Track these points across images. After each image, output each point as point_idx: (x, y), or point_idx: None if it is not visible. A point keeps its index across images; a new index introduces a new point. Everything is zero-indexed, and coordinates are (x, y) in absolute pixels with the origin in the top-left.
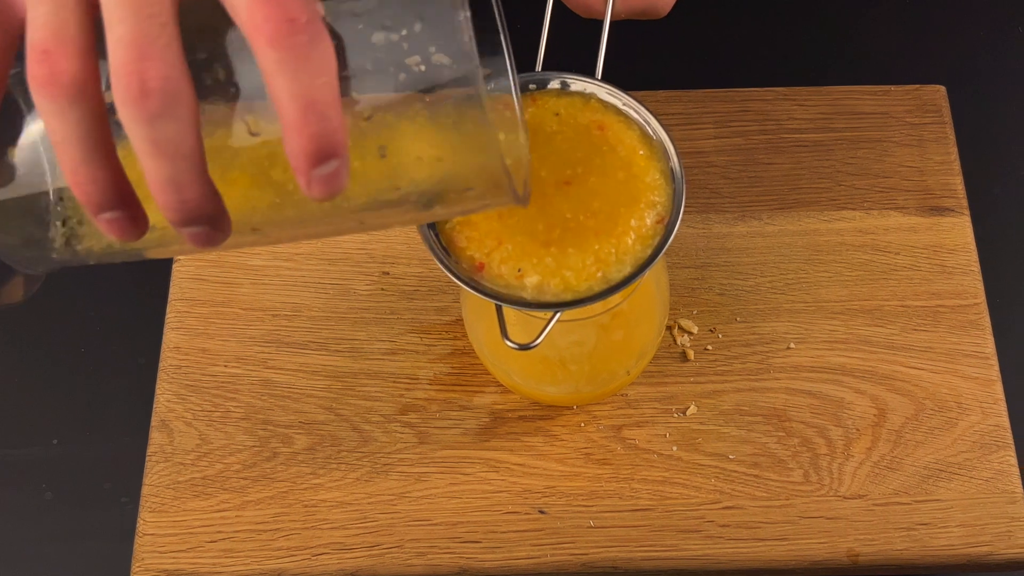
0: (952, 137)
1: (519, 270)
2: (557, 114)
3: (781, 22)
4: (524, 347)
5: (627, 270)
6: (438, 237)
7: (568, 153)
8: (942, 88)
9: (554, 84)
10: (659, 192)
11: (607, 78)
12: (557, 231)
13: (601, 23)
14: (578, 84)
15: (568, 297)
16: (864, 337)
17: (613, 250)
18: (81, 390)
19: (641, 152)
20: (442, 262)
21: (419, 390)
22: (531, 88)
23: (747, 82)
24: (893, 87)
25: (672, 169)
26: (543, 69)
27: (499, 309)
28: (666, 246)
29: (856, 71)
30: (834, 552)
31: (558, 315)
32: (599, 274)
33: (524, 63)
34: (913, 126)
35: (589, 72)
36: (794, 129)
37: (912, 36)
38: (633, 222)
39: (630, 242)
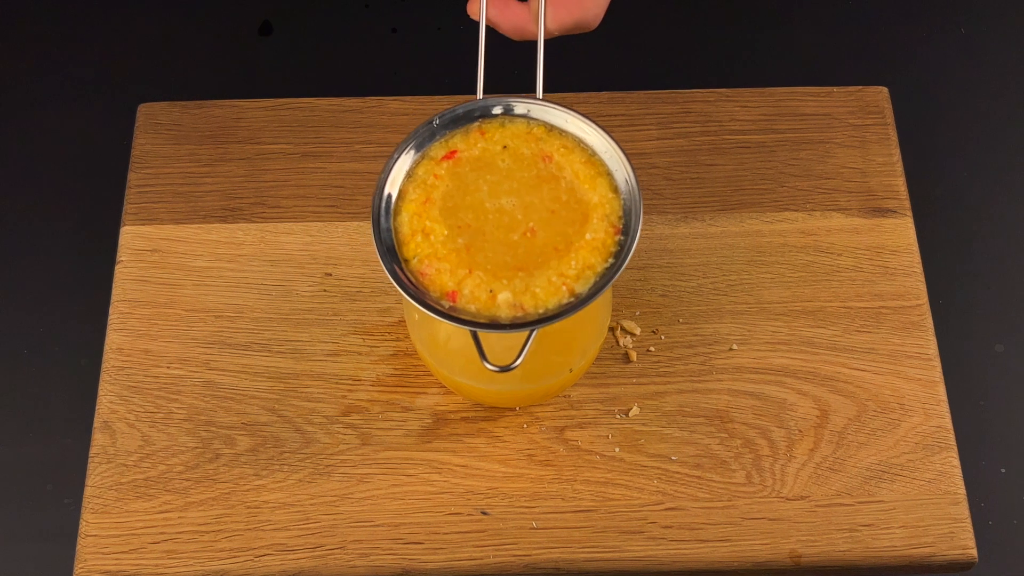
0: (895, 138)
1: (491, 290)
2: (505, 147)
3: (723, 23)
4: (504, 369)
5: (591, 282)
6: (404, 271)
7: (521, 185)
8: (884, 89)
9: (498, 110)
10: (609, 206)
11: (549, 82)
12: (522, 256)
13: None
14: (521, 106)
15: (540, 313)
16: (807, 338)
17: (574, 263)
18: (23, 391)
19: (587, 172)
20: (416, 298)
21: (362, 391)
22: (476, 116)
23: (689, 83)
24: (836, 88)
25: (621, 181)
26: (484, 89)
27: (475, 335)
28: (631, 252)
29: (799, 72)
30: (776, 553)
31: (534, 333)
32: (564, 288)
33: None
34: (856, 127)
35: (531, 88)
36: (737, 130)
37: (855, 38)
38: (589, 236)
39: (589, 256)
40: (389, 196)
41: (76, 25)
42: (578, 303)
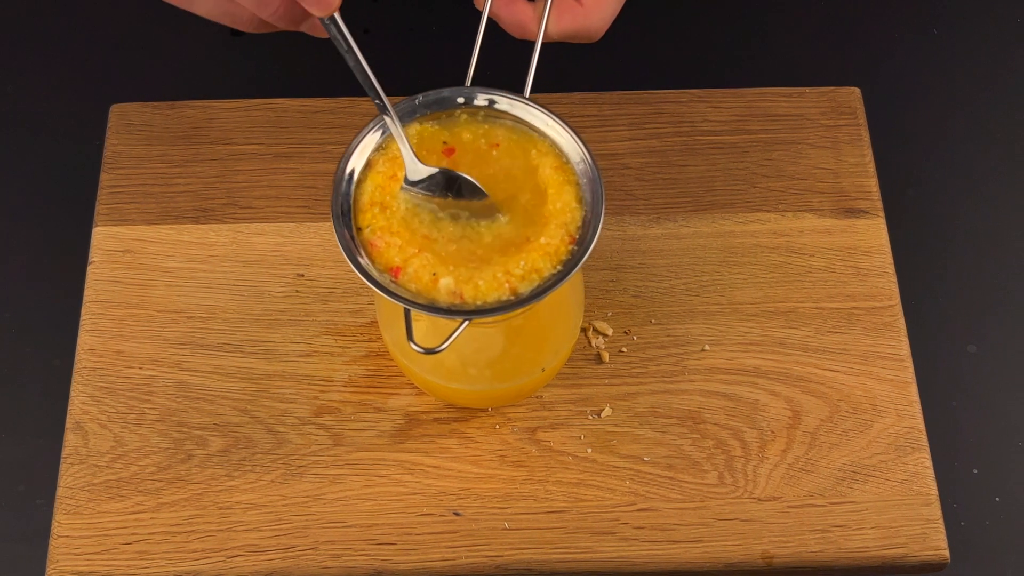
0: (867, 139)
1: (434, 273)
2: (482, 137)
3: (695, 23)
4: (430, 351)
5: (534, 285)
6: (354, 239)
7: (488, 177)
8: (856, 90)
9: (481, 101)
10: (571, 215)
11: (521, 83)
12: (474, 246)
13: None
14: (504, 102)
15: (477, 305)
16: (779, 339)
17: (523, 263)
18: None
19: (556, 178)
20: (356, 264)
21: (334, 392)
22: (459, 102)
23: (661, 84)
24: (808, 89)
25: (586, 194)
26: (473, 81)
27: (407, 313)
28: (581, 262)
29: (771, 73)
30: (748, 554)
31: (466, 322)
32: (507, 286)
33: (457, 76)
34: (828, 128)
35: (519, 85)
36: (709, 131)
37: (827, 38)
38: (543, 240)
39: (539, 259)
40: (353, 169)
41: (47, 25)
42: (516, 302)
